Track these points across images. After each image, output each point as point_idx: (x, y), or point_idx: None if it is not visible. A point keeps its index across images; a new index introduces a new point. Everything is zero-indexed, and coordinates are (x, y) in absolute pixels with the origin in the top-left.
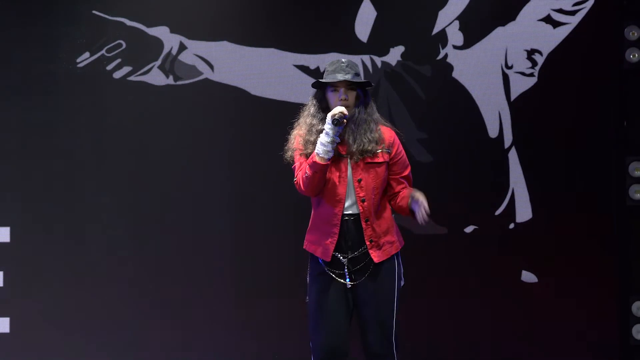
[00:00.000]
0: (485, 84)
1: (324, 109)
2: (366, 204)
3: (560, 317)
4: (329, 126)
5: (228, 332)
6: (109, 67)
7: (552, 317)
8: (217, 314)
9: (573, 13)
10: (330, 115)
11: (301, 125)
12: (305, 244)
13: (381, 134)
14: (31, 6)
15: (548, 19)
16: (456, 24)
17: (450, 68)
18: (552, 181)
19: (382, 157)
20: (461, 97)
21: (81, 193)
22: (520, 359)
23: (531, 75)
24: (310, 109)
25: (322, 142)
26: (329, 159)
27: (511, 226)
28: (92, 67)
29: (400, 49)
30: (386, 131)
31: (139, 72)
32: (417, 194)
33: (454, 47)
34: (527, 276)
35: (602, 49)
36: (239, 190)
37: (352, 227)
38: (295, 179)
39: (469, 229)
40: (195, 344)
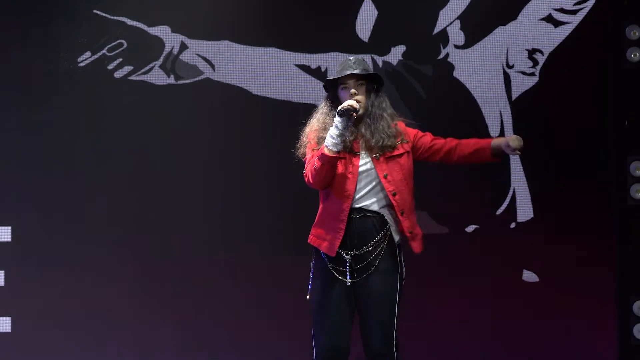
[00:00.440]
0: (486, 83)
1: (336, 108)
2: (398, 197)
3: (560, 316)
4: (337, 119)
5: (228, 332)
6: (110, 67)
7: (552, 317)
8: (217, 314)
9: (574, 12)
10: (339, 108)
11: (313, 123)
12: (310, 238)
13: (397, 127)
14: (32, 6)
15: (549, 19)
16: (457, 23)
17: (451, 67)
18: (553, 181)
19: (402, 149)
20: (462, 97)
21: (82, 192)
22: (521, 358)
23: (532, 74)
24: (323, 108)
25: (331, 134)
26: (338, 152)
27: (512, 225)
28: (93, 67)
29: (401, 48)
30: (399, 125)
31: (140, 72)
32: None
33: (455, 46)
34: (528, 275)
35: (603, 48)
36: (240, 189)
37: (358, 224)
38: (304, 171)
39: (470, 229)
40: (196, 344)
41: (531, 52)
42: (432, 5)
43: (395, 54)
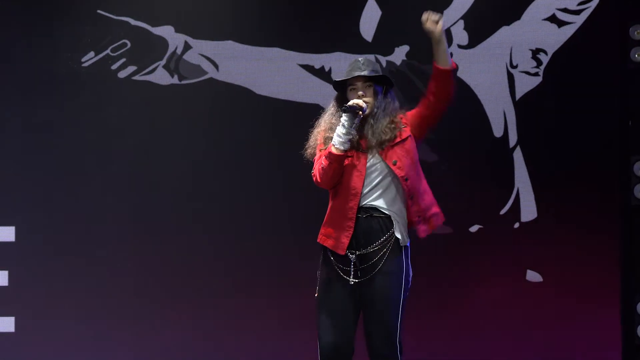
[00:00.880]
0: (490, 83)
1: None
2: (409, 182)
3: (564, 316)
4: (343, 117)
5: (228, 332)
6: (114, 67)
7: (556, 316)
8: (218, 314)
9: (578, 12)
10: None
11: (321, 124)
12: (319, 237)
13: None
14: (35, 6)
15: (553, 19)
16: (461, 23)
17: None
18: (557, 180)
19: (404, 134)
20: (466, 97)
21: (86, 192)
22: (524, 358)
23: (536, 74)
24: (331, 108)
25: (338, 133)
26: (345, 151)
27: (516, 225)
28: (96, 67)
29: (405, 48)
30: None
31: (143, 72)
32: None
33: (459, 46)
34: (532, 275)
35: (607, 48)
36: (243, 189)
37: (364, 223)
38: (313, 170)
39: (474, 229)
40: (196, 344)
41: (535, 52)
42: (436, 5)
43: (399, 54)
